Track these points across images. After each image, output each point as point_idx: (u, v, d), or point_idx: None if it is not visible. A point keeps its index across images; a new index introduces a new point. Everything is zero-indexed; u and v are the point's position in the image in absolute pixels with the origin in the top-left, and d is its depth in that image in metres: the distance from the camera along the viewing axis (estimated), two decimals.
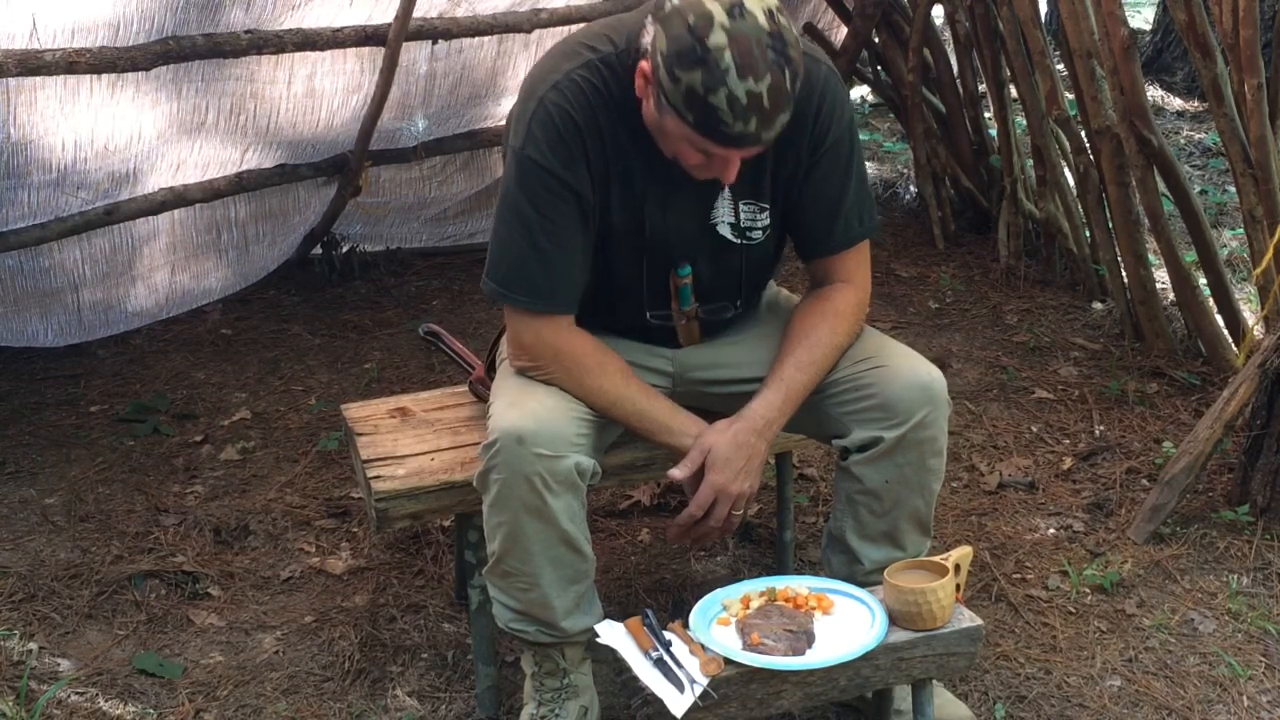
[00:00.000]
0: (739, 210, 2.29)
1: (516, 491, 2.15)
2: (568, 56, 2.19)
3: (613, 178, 2.21)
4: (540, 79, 2.19)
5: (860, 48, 4.96)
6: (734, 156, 2.07)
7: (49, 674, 2.67)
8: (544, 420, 2.15)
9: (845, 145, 2.28)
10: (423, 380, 3.89)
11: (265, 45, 3.69)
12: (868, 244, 2.37)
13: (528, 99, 2.19)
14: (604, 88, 2.16)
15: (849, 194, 2.30)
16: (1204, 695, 2.54)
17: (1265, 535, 2.99)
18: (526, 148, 2.16)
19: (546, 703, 2.33)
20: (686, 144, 2.06)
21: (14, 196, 3.53)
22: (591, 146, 2.17)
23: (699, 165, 2.11)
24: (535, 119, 2.16)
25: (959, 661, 2.17)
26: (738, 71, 1.94)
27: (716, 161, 2.08)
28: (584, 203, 2.19)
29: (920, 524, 2.37)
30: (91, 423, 3.75)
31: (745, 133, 1.99)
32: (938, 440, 2.29)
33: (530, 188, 2.17)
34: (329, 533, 3.18)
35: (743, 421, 2.22)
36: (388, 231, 4.83)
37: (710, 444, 2.20)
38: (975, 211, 4.95)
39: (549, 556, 2.21)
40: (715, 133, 2.00)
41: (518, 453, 2.13)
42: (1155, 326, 3.87)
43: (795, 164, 2.26)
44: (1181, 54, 6.80)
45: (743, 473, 2.20)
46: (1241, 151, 3.31)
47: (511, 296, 2.22)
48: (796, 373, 2.26)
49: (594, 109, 2.16)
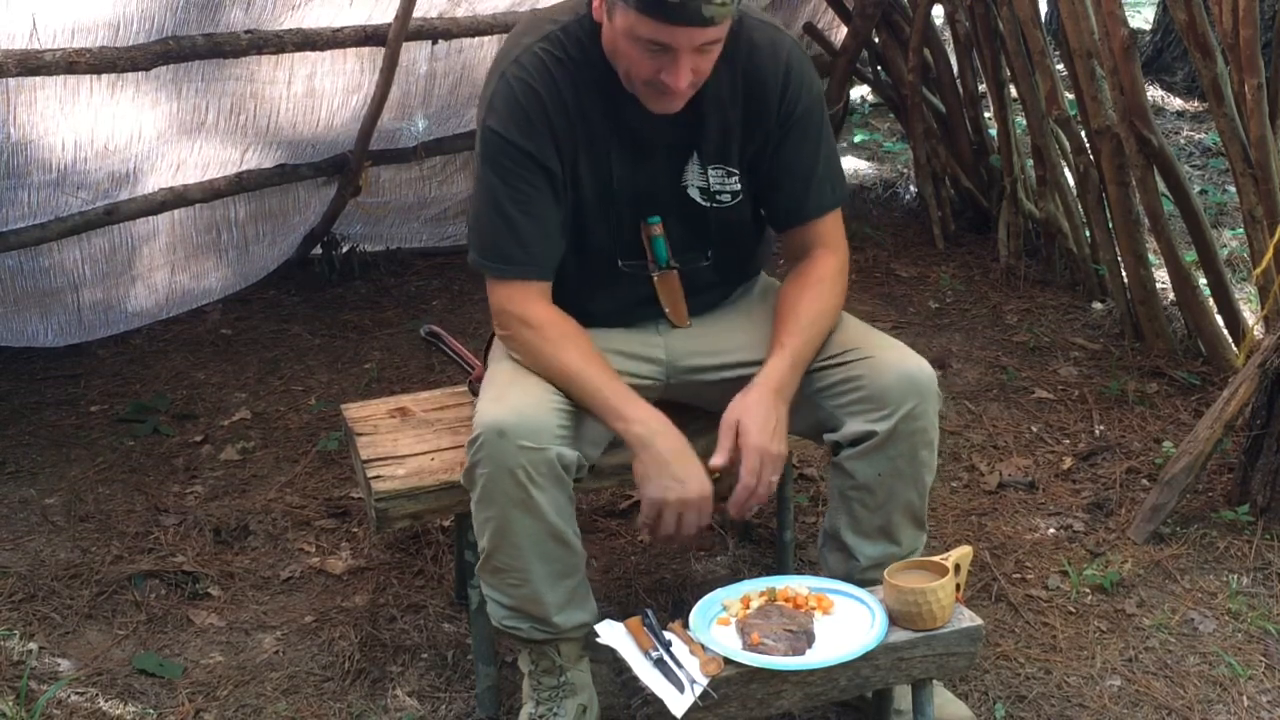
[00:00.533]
0: (709, 175, 2.33)
1: (502, 485, 2.16)
2: (529, 30, 2.25)
3: (580, 143, 2.25)
4: (504, 55, 2.26)
5: (860, 48, 4.96)
6: (679, 40, 2.07)
7: (49, 674, 2.67)
8: (525, 413, 2.17)
9: (815, 115, 2.33)
10: (423, 380, 3.89)
11: (265, 45, 3.70)
12: (840, 212, 2.41)
13: (491, 76, 2.26)
14: (565, 57, 2.21)
15: (819, 163, 2.35)
16: (1204, 695, 2.54)
17: (1265, 535, 2.99)
18: (489, 120, 2.22)
19: (544, 701, 2.33)
20: (635, 44, 2.09)
21: (14, 196, 3.53)
22: (555, 116, 2.22)
23: (652, 81, 2.13)
24: (498, 94, 2.22)
25: (959, 661, 2.17)
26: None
27: (666, 66, 2.10)
28: (550, 173, 2.24)
29: (914, 517, 2.37)
30: (91, 423, 3.75)
31: (684, 1, 2.00)
32: (928, 432, 2.30)
33: (494, 160, 2.23)
34: (329, 533, 3.18)
35: (757, 387, 2.24)
36: (388, 231, 4.83)
37: (736, 417, 2.22)
38: (975, 211, 4.94)
39: (538, 551, 2.22)
40: (657, 5, 2.02)
41: (500, 446, 2.14)
42: (1155, 326, 3.87)
43: (765, 137, 2.31)
44: (1181, 54, 6.80)
45: (775, 434, 2.21)
46: (1241, 151, 3.31)
47: (484, 263, 2.28)
48: (794, 338, 2.28)
49: (555, 79, 2.21)
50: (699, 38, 2.08)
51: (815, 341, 2.31)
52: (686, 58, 2.10)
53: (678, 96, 2.16)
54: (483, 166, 2.25)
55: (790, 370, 2.27)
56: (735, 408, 2.23)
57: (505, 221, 2.24)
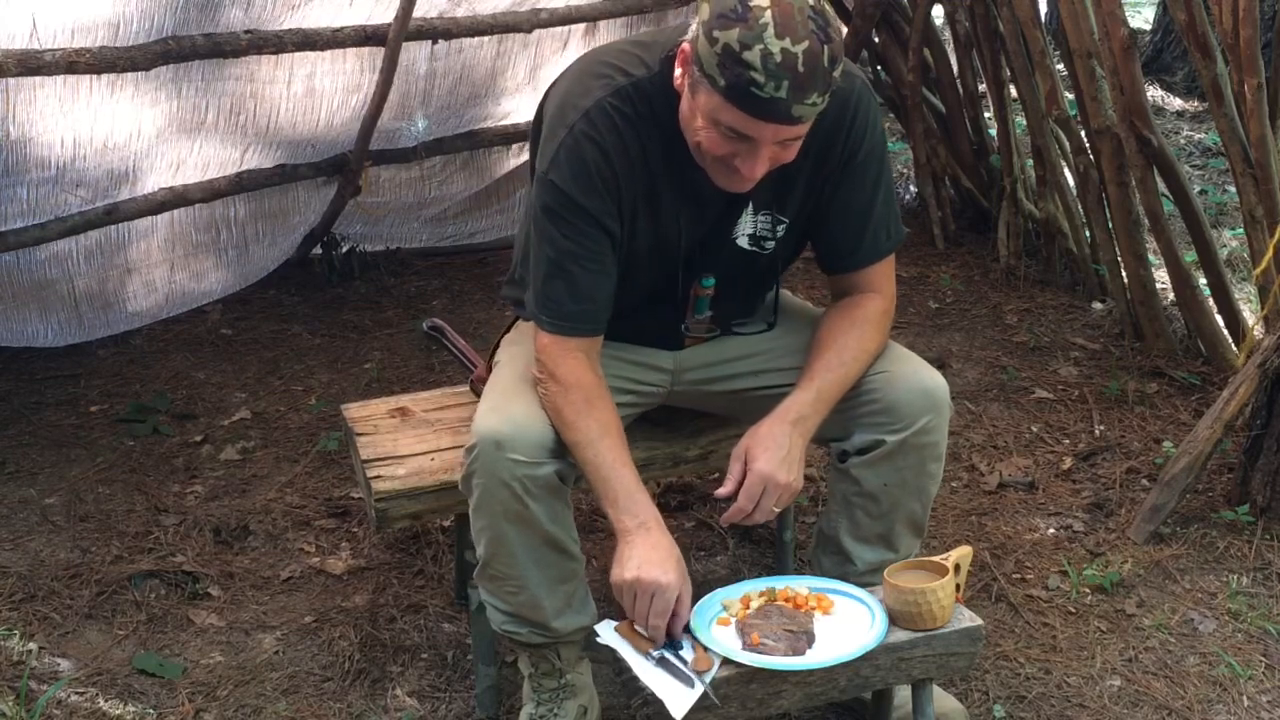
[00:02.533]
0: (758, 221, 2.27)
1: (497, 496, 2.15)
2: (598, 78, 2.15)
3: (640, 199, 2.19)
4: (571, 104, 2.15)
5: (860, 48, 4.96)
6: (763, 134, 1.99)
7: (49, 674, 2.67)
8: (522, 426, 2.15)
9: (875, 159, 2.25)
10: (423, 380, 3.89)
11: (265, 45, 3.70)
12: (893, 255, 2.35)
13: (557, 124, 2.15)
14: (634, 113, 2.13)
15: (876, 207, 2.28)
16: (1204, 695, 2.54)
17: (1265, 535, 2.99)
18: (552, 174, 2.14)
19: (545, 703, 2.33)
20: (715, 127, 2.01)
21: (12, 194, 3.53)
22: (620, 173, 2.15)
23: (724, 160, 2.05)
24: (564, 147, 2.13)
25: (959, 661, 2.17)
26: (775, 30, 1.91)
27: (742, 154, 2.03)
28: (609, 233, 2.18)
29: (915, 526, 2.37)
30: (91, 423, 3.75)
31: (775, 97, 1.92)
32: (939, 445, 2.30)
33: (556, 214, 2.16)
34: (329, 533, 3.18)
35: (773, 417, 2.20)
36: (388, 231, 4.83)
37: (746, 445, 2.18)
38: (975, 211, 4.95)
39: (534, 559, 2.21)
40: (746, 95, 1.94)
41: (496, 458, 2.13)
42: (1155, 326, 3.87)
43: (825, 178, 2.24)
44: (1181, 54, 6.80)
45: (784, 463, 2.15)
46: (1241, 151, 3.31)
47: (540, 317, 2.22)
48: (826, 373, 2.23)
49: (623, 136, 2.13)
50: (784, 134, 2.00)
51: (846, 381, 2.25)
52: (767, 150, 2.02)
53: (749, 181, 2.09)
54: (543, 218, 2.17)
55: (813, 404, 2.21)
56: (748, 436, 2.20)
57: (564, 276, 2.18)
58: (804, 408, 2.20)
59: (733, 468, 2.18)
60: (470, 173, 4.73)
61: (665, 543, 2.13)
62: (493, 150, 4.71)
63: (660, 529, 2.14)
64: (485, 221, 4.93)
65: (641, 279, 2.28)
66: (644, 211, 2.20)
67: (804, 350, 2.34)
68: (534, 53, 4.44)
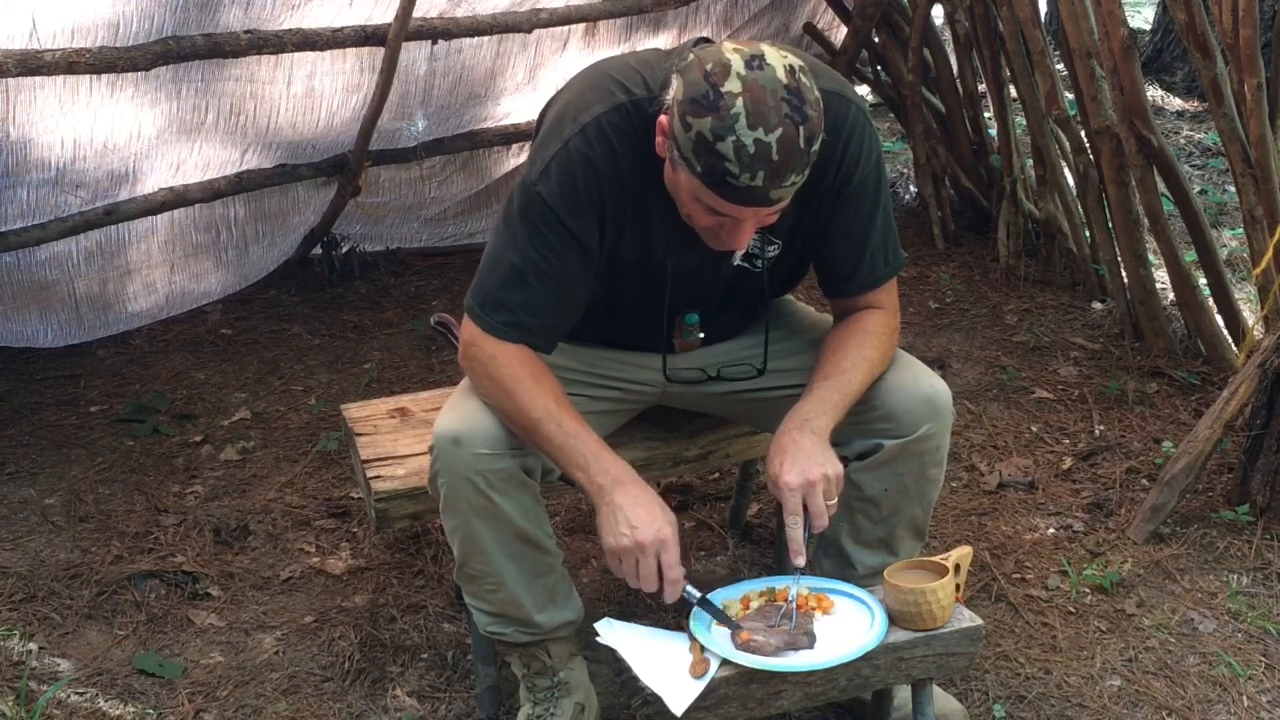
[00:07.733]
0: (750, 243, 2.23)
1: (461, 493, 2.15)
2: (598, 97, 2.12)
3: (628, 219, 2.16)
4: (570, 116, 2.12)
5: (860, 48, 4.97)
6: (744, 217, 2.00)
7: (49, 674, 2.67)
8: (477, 421, 2.15)
9: (871, 185, 2.22)
10: (423, 380, 3.89)
11: (265, 45, 3.69)
12: (894, 280, 2.32)
13: (553, 135, 2.12)
14: (631, 131, 2.10)
15: (874, 233, 2.26)
16: (1204, 695, 2.54)
17: (1265, 535, 2.99)
18: (539, 185, 2.10)
19: (541, 702, 2.33)
20: (697, 203, 2.00)
21: (13, 195, 3.53)
22: (608, 191, 2.12)
23: (710, 228, 2.05)
24: (556, 160, 2.10)
25: (959, 661, 2.17)
26: (748, 120, 1.89)
27: (727, 226, 2.02)
28: (586, 251, 2.15)
29: (916, 530, 2.37)
30: (91, 423, 3.75)
31: (752, 186, 1.91)
32: (940, 450, 2.29)
33: (532, 224, 2.12)
34: (329, 533, 3.18)
35: (779, 431, 2.16)
36: (388, 231, 4.83)
37: (769, 470, 2.13)
38: (975, 211, 4.95)
39: (507, 554, 2.21)
40: (722, 184, 1.93)
41: (455, 454, 2.13)
42: (1155, 326, 3.87)
43: (817, 207, 2.22)
44: (1181, 54, 6.80)
45: (807, 460, 2.09)
46: (1241, 151, 3.31)
47: (481, 315, 2.16)
48: (824, 381, 2.20)
49: (616, 153, 2.10)
50: (764, 212, 2.00)
51: (847, 386, 2.20)
52: (751, 224, 2.02)
53: (738, 249, 2.09)
54: (519, 223, 2.12)
55: (818, 408, 2.17)
56: (767, 461, 2.15)
57: (523, 288, 2.13)
58: (807, 412, 2.17)
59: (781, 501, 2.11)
60: (470, 173, 4.73)
61: (646, 495, 2.08)
62: (492, 150, 4.71)
63: (635, 480, 2.10)
64: (485, 221, 4.93)
65: (627, 298, 2.28)
66: (631, 230, 2.18)
67: (800, 352, 2.34)
68: (533, 53, 4.44)
